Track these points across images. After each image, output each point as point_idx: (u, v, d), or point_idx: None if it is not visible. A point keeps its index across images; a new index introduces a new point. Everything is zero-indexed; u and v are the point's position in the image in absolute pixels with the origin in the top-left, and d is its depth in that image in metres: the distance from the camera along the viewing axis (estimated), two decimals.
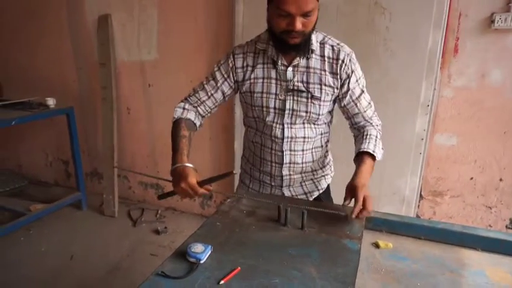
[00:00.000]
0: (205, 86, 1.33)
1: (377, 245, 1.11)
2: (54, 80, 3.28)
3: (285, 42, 1.16)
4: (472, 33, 2.07)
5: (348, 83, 1.26)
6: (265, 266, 0.91)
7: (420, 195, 2.40)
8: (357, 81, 1.28)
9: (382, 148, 1.28)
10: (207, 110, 1.36)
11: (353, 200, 1.12)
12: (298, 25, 1.10)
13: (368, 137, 1.27)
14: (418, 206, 2.42)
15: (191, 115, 1.32)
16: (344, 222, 1.12)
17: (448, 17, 2.05)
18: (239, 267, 0.90)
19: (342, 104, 1.31)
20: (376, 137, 1.28)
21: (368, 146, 1.24)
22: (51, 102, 2.84)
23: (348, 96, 1.28)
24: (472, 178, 2.29)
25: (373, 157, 1.23)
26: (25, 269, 2.40)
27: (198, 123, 1.34)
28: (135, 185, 3.31)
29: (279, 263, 0.92)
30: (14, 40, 3.33)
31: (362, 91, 1.30)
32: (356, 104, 1.30)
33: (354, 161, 1.27)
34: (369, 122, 1.32)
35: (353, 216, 1.09)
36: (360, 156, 1.24)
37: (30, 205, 3.04)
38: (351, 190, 1.13)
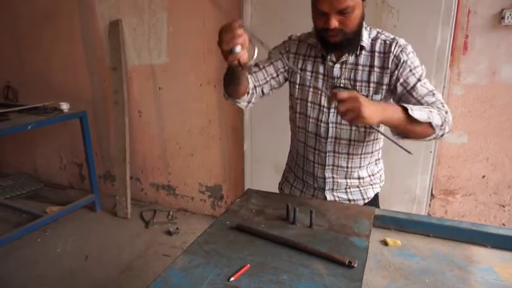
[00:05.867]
0: (258, 63, 1.28)
1: (385, 243, 1.11)
2: (67, 84, 3.36)
3: (325, 40, 1.13)
4: (481, 30, 2.05)
5: (398, 73, 1.15)
6: (274, 263, 0.93)
7: (432, 194, 2.38)
8: (411, 71, 1.15)
9: (429, 118, 1.05)
10: (256, 83, 1.26)
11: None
12: (334, 23, 1.06)
13: (420, 106, 1.09)
14: (429, 205, 2.40)
15: None
16: (352, 220, 1.13)
17: (457, 14, 2.03)
18: (248, 265, 0.92)
19: (397, 97, 1.18)
20: (431, 111, 1.07)
21: (412, 107, 1.04)
22: (65, 106, 2.92)
23: (400, 87, 1.16)
24: (484, 176, 2.26)
25: (407, 113, 1.04)
26: (42, 269, 2.46)
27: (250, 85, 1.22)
28: (147, 187, 3.36)
29: (288, 260, 0.94)
30: (28, 46, 3.42)
31: (419, 80, 1.15)
32: (411, 94, 1.15)
33: None
34: (430, 105, 1.12)
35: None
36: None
37: (46, 207, 3.12)
38: (351, 93, 0.98)
